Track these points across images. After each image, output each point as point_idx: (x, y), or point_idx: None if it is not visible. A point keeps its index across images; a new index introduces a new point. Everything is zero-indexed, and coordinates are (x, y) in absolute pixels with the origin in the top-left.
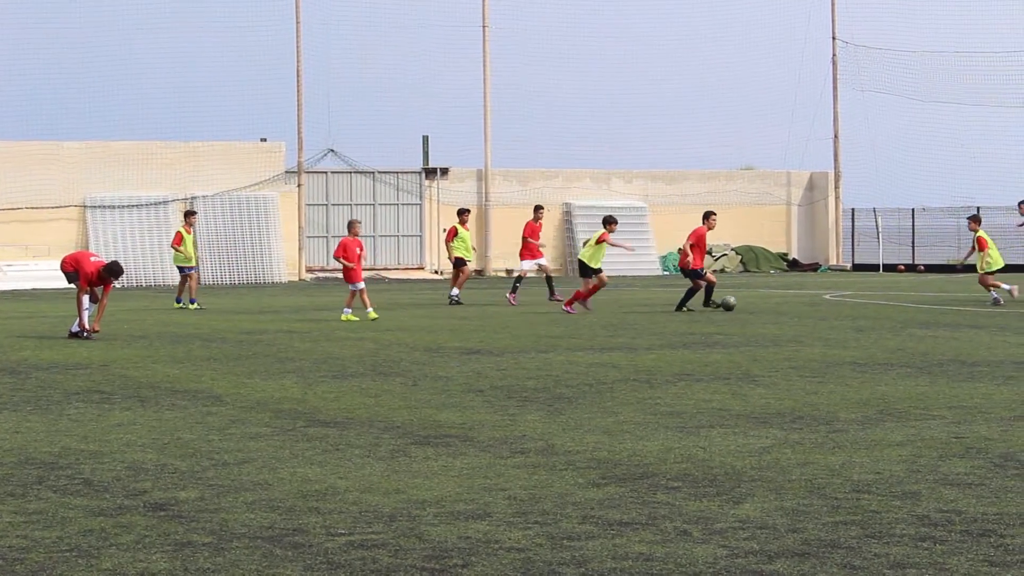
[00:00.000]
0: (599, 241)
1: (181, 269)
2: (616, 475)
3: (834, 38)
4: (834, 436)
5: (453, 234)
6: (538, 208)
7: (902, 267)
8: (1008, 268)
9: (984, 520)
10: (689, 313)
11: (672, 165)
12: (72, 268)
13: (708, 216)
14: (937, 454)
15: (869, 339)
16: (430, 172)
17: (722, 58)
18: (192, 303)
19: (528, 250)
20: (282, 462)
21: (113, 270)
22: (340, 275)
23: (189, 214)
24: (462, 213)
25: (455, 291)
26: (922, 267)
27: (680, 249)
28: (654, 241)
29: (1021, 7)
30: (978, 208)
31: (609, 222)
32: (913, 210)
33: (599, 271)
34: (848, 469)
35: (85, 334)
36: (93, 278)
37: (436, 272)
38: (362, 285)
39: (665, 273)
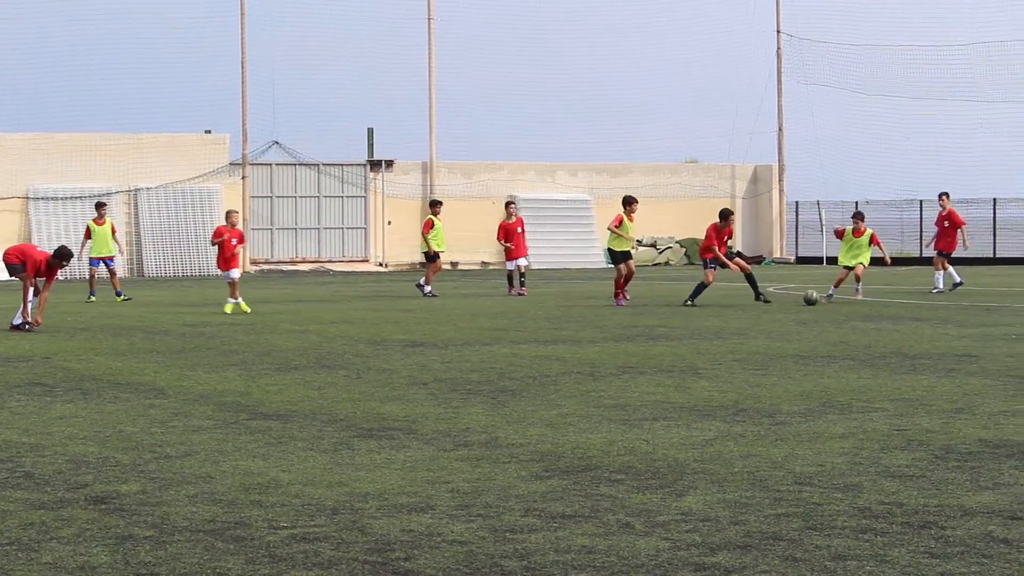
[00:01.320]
0: (618, 224)
1: (105, 262)
2: (559, 468)
3: (778, 31)
4: (776, 428)
5: (430, 226)
6: (508, 204)
7: None
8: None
9: (925, 512)
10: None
11: (617, 158)
12: (18, 260)
13: (727, 215)
14: (879, 446)
15: (812, 332)
16: (375, 164)
17: (667, 51)
18: (92, 295)
19: (507, 252)
20: (225, 455)
21: (63, 254)
22: (284, 267)
23: (99, 206)
24: (435, 205)
25: (428, 287)
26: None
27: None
28: (599, 234)
29: (965, 1)
30: (921, 202)
31: (629, 202)
32: (856, 203)
33: (627, 256)
34: (790, 461)
35: (27, 326)
36: (41, 267)
37: (381, 264)
38: (234, 275)
39: (610, 265)
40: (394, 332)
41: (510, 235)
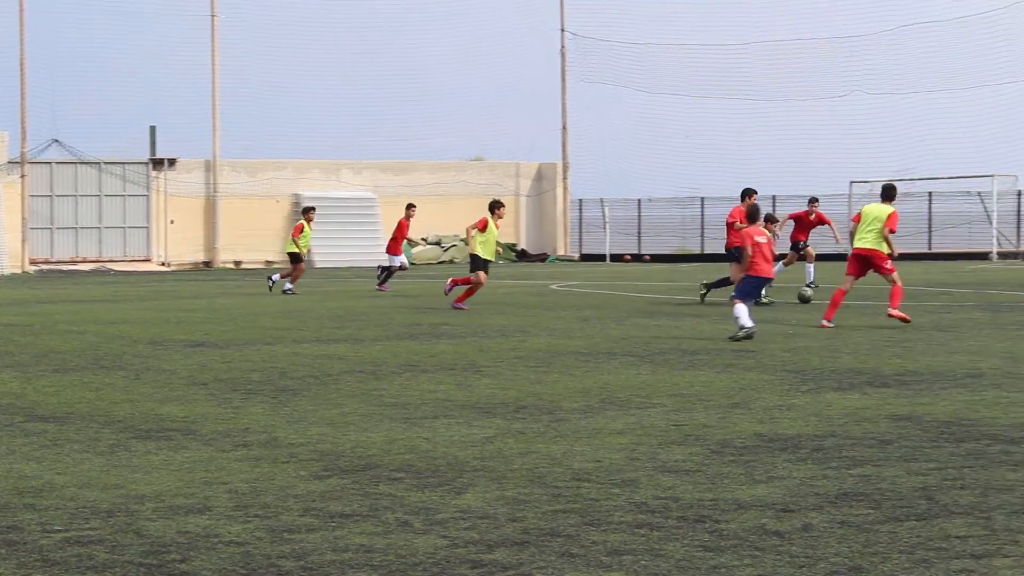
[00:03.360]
0: (481, 228)
1: None
2: (339, 467)
3: (563, 30)
4: (556, 425)
5: (300, 230)
6: (410, 206)
7: (628, 257)
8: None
9: (700, 506)
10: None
11: (403, 156)
12: None
13: (750, 194)
14: (656, 441)
15: (594, 329)
16: (157, 163)
17: (453, 49)
18: None
19: (390, 247)
20: None
21: None
22: (64, 267)
23: None
24: (308, 211)
25: (290, 285)
26: (648, 257)
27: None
28: (383, 232)
29: (740, 1)
30: (703, 199)
31: (496, 207)
32: (639, 200)
33: (487, 265)
34: (569, 458)
35: None
36: None
37: (163, 264)
38: None
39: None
40: (175, 332)
41: (403, 233)
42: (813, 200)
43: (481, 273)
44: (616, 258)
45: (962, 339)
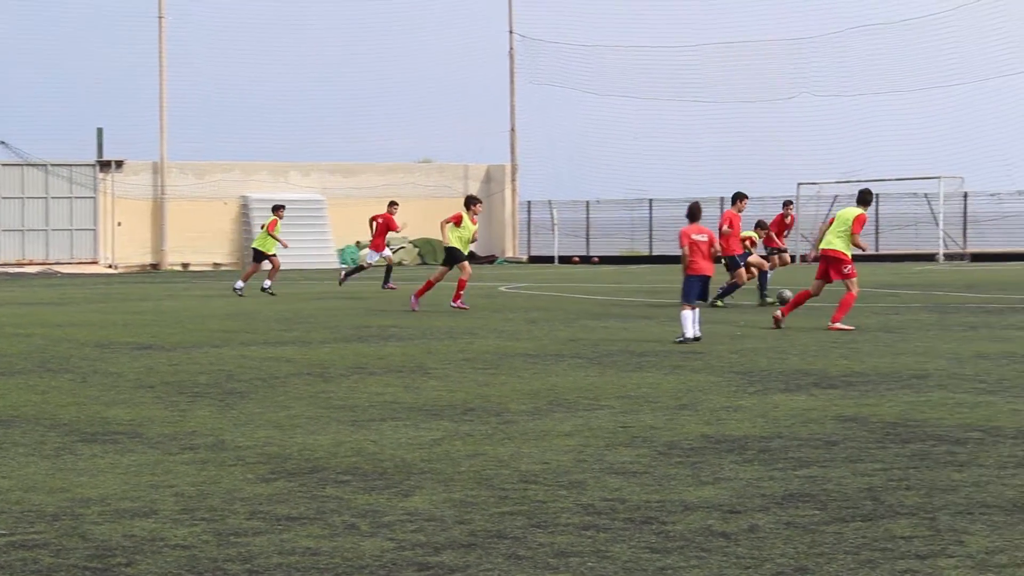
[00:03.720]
0: (456, 223)
1: None
2: (286, 470)
3: (511, 31)
4: (504, 427)
5: (273, 227)
6: (392, 204)
7: (577, 259)
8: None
9: (647, 508)
10: (721, 308)
11: (350, 158)
12: None
13: (741, 198)
14: (604, 443)
15: (542, 330)
16: (104, 165)
17: (401, 50)
18: None
19: (380, 240)
20: None
21: None
22: (10, 269)
23: None
24: (278, 208)
25: (240, 283)
26: (596, 259)
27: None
28: (332, 234)
29: (687, 3)
30: (651, 201)
31: (473, 202)
32: (588, 203)
33: (464, 257)
34: (516, 460)
35: None
36: None
37: (111, 266)
38: None
39: (343, 266)
40: (122, 335)
41: (390, 227)
42: (788, 203)
43: (465, 264)
44: (565, 260)
45: (908, 340)
